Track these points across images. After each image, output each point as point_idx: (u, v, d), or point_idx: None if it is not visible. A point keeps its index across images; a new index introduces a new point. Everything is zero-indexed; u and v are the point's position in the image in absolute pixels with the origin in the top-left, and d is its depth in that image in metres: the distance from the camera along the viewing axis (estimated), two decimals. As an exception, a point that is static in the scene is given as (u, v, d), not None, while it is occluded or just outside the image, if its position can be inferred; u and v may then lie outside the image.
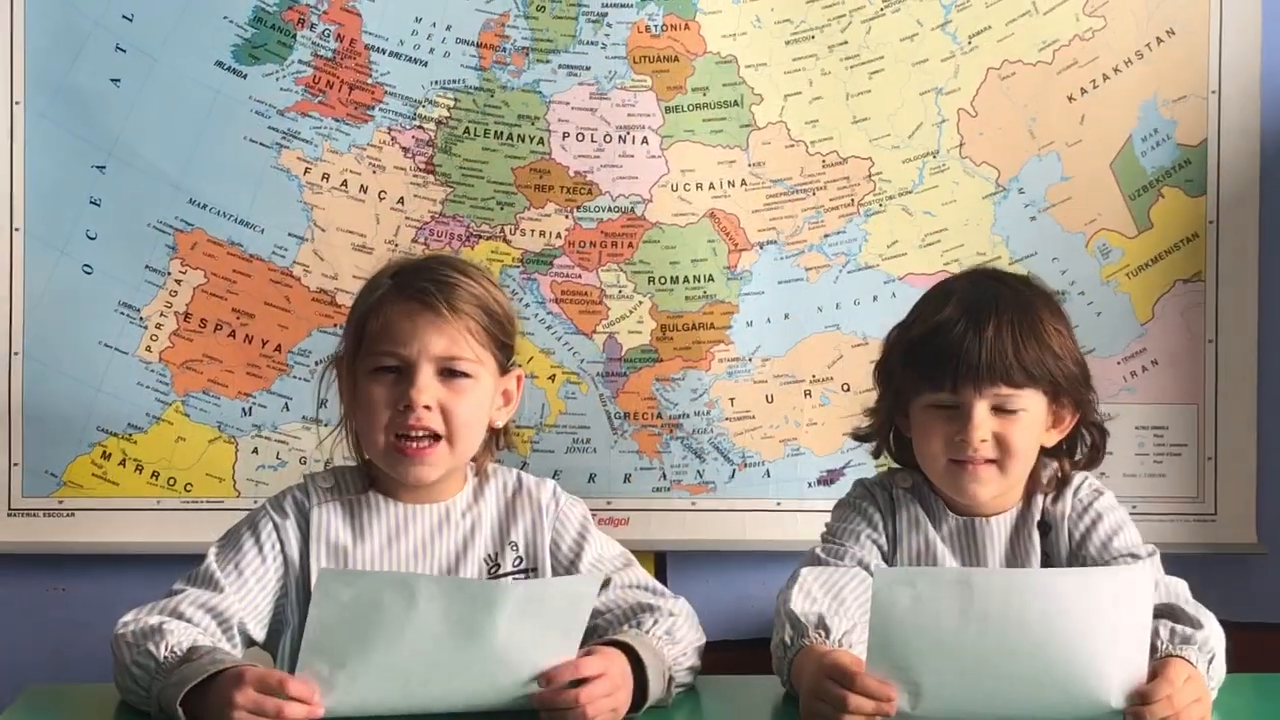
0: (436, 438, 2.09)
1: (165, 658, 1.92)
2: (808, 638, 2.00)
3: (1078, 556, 2.18)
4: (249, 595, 2.09)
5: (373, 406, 2.09)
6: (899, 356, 2.21)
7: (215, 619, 2.05)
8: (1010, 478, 2.15)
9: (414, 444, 2.08)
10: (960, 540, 2.21)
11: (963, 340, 2.11)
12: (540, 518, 2.19)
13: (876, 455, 2.32)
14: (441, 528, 2.15)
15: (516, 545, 2.17)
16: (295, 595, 2.13)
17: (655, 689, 1.97)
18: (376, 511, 2.15)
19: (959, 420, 2.12)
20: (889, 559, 2.21)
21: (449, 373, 2.10)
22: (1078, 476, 2.23)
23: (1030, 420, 2.14)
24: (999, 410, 2.12)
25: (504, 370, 2.18)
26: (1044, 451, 2.22)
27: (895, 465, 2.30)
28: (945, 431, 2.13)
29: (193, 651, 1.92)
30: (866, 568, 2.17)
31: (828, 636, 2.00)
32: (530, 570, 2.17)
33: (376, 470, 2.16)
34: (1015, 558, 2.20)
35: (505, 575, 2.16)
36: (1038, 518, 2.21)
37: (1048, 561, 2.20)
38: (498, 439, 2.21)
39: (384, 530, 2.14)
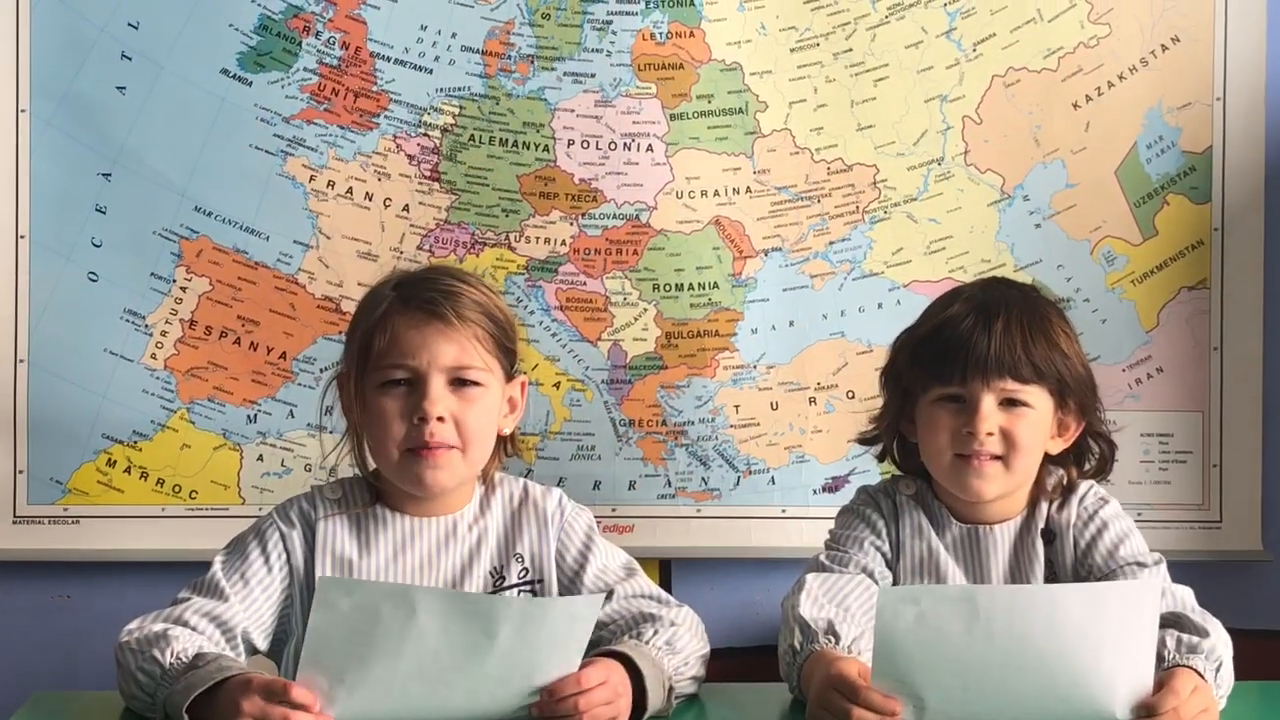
0: (450, 446, 2.09)
1: (171, 664, 1.92)
2: (818, 643, 2.00)
3: (1083, 565, 2.18)
4: (254, 605, 2.09)
5: (385, 420, 2.08)
6: (907, 355, 2.21)
7: (219, 628, 2.05)
8: (1014, 476, 2.15)
9: (429, 448, 2.08)
10: (963, 548, 2.21)
11: (971, 333, 2.12)
12: (545, 528, 2.18)
13: (881, 459, 2.32)
14: (448, 541, 2.15)
15: (522, 557, 2.17)
16: (300, 605, 2.12)
17: (654, 700, 1.96)
18: (382, 525, 2.14)
19: (966, 414, 2.12)
20: (892, 566, 2.21)
21: (459, 382, 2.09)
22: (1083, 484, 2.23)
23: (1036, 419, 2.14)
24: (1006, 405, 2.13)
25: (509, 377, 2.18)
26: (1050, 460, 2.22)
27: (899, 473, 2.30)
28: (952, 425, 2.13)
29: (199, 658, 1.92)
30: (871, 575, 2.17)
31: (838, 642, 2.00)
32: (536, 582, 2.16)
33: (383, 483, 2.15)
34: (1019, 566, 2.19)
35: (510, 588, 2.15)
36: (1042, 525, 2.20)
37: (1051, 569, 2.19)
38: (505, 446, 2.21)
39: (390, 544, 2.14)
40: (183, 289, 2.86)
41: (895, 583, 2.20)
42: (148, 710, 1.94)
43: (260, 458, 2.88)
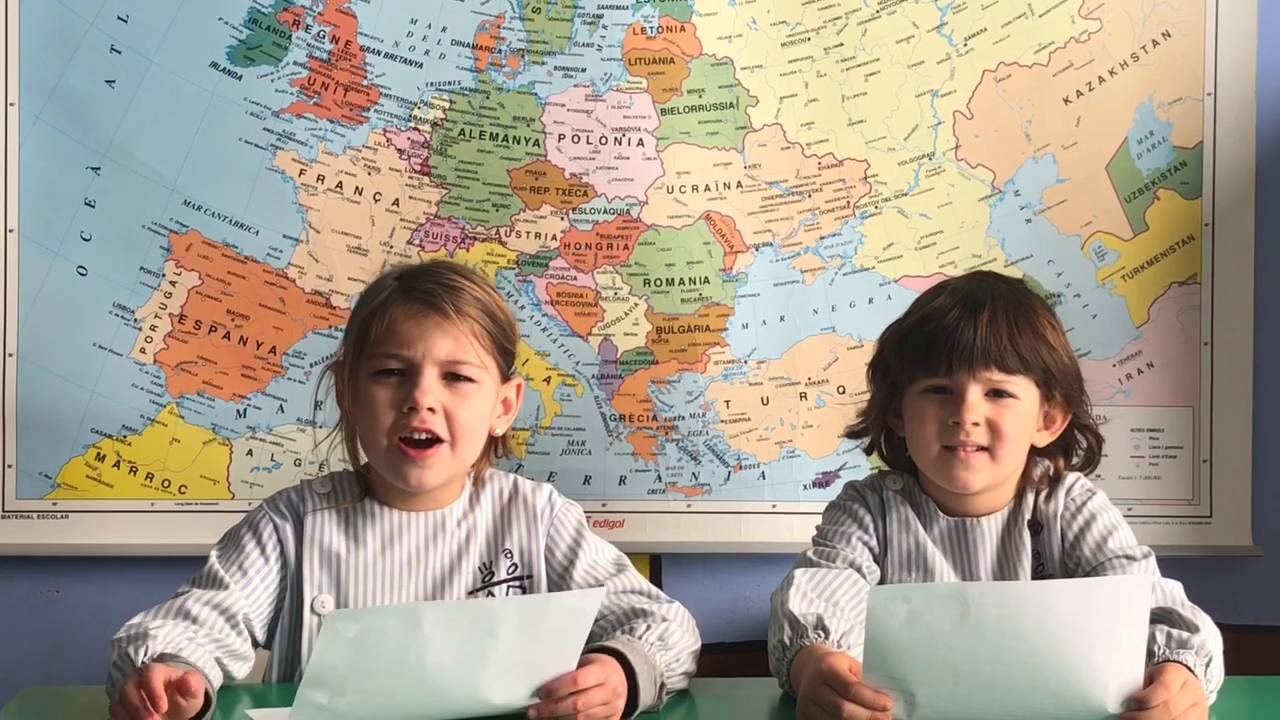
0: (439, 441, 2.08)
1: (143, 663, 1.91)
2: (807, 638, 2.00)
3: (1071, 557, 2.18)
4: (254, 594, 2.09)
5: (375, 408, 2.09)
6: (893, 347, 2.22)
7: (223, 615, 2.05)
8: (1001, 468, 2.16)
9: (415, 447, 2.07)
10: (951, 541, 2.21)
11: (957, 324, 2.14)
12: (535, 524, 2.18)
13: (869, 452, 2.33)
14: (436, 537, 2.15)
15: (511, 553, 2.17)
16: (290, 599, 2.12)
17: (646, 697, 1.96)
18: (371, 519, 2.14)
19: (952, 405, 2.13)
20: (880, 561, 2.21)
21: (453, 377, 2.09)
22: (1070, 476, 2.24)
23: (1023, 410, 2.15)
24: (992, 396, 2.13)
25: (505, 378, 2.17)
26: (1036, 452, 2.22)
27: (886, 468, 2.30)
28: (939, 416, 2.14)
29: (163, 658, 1.91)
30: (859, 570, 2.18)
31: (827, 637, 2.00)
32: (525, 578, 2.16)
33: (373, 477, 2.15)
34: (1006, 558, 2.20)
35: (499, 583, 2.15)
36: (1028, 517, 2.21)
37: (1039, 561, 2.20)
38: (496, 447, 2.21)
39: (378, 538, 2.13)
40: (172, 283, 2.85)
41: (883, 577, 2.20)
42: None
43: (250, 452, 2.88)
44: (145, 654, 1.92)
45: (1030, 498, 2.21)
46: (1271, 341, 2.95)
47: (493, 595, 2.14)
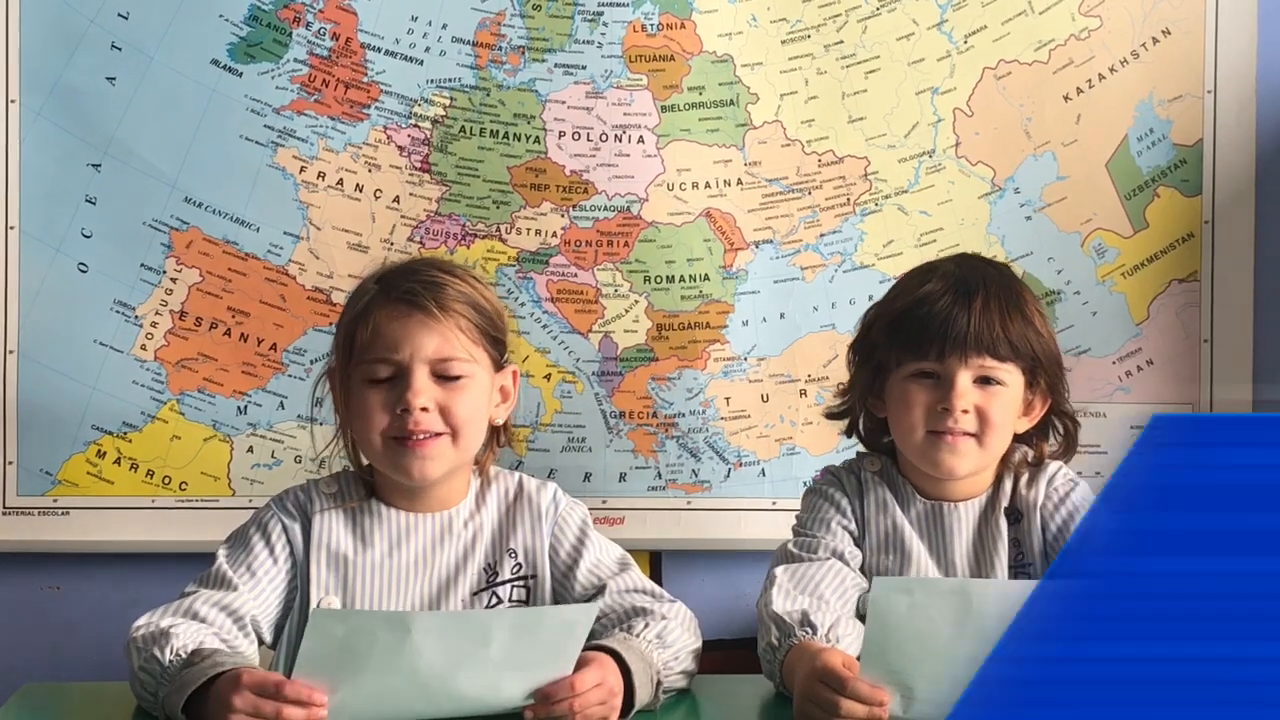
0: (438, 434, 2.08)
1: (170, 662, 1.91)
2: (795, 636, 2.00)
3: (1054, 549, 2.18)
4: (262, 595, 2.08)
5: (369, 413, 2.07)
6: (880, 330, 2.21)
7: (230, 617, 2.04)
8: (987, 454, 2.15)
9: (414, 438, 2.07)
10: (927, 524, 2.20)
11: (950, 310, 2.13)
12: (539, 523, 2.18)
13: (849, 434, 2.32)
14: (443, 538, 2.14)
15: (515, 553, 2.16)
16: (298, 599, 2.11)
17: (642, 695, 1.95)
18: (378, 520, 2.13)
19: (941, 390, 2.13)
20: (859, 543, 2.21)
21: (444, 374, 2.09)
22: (1052, 465, 2.23)
23: (1010, 397, 2.15)
24: (980, 383, 2.13)
25: (499, 367, 2.17)
26: (1015, 438, 2.22)
27: (864, 451, 2.30)
28: (927, 401, 2.14)
29: (195, 655, 1.91)
30: (840, 557, 2.17)
31: (815, 632, 2.00)
32: (529, 577, 2.15)
33: (378, 478, 2.14)
34: (983, 545, 2.19)
35: (504, 583, 2.15)
36: (1006, 504, 2.20)
37: (1018, 550, 2.19)
38: (498, 436, 2.20)
39: (385, 540, 2.12)
40: (173, 280, 2.85)
41: (864, 560, 2.20)
42: (154, 709, 1.93)
43: (250, 449, 2.88)
44: (170, 653, 1.91)
45: (1008, 484, 2.21)
46: (1271, 339, 2.95)
47: (497, 595, 2.14)
